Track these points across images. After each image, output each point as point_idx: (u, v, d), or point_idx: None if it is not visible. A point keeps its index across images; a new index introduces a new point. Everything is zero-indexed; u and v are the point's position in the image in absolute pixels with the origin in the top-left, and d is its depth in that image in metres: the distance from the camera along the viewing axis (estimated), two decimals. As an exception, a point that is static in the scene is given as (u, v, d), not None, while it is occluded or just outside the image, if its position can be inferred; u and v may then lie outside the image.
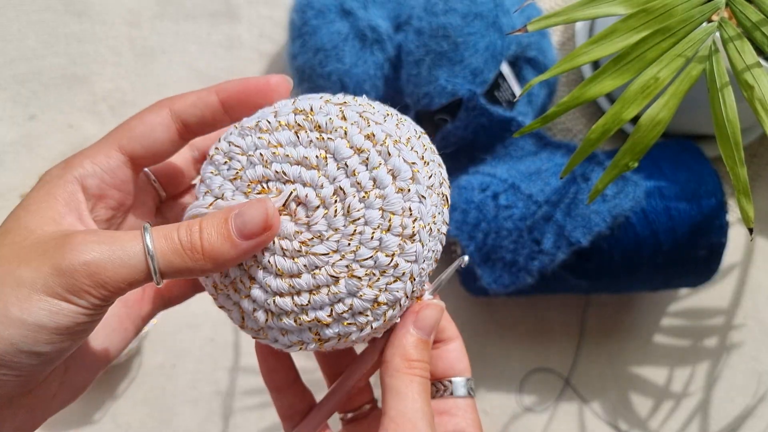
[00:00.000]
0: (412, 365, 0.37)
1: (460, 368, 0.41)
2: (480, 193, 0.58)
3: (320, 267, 0.33)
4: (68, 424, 0.62)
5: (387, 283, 0.33)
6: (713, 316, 0.68)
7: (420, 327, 0.37)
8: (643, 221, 0.55)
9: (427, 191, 0.33)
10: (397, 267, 0.33)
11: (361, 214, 0.32)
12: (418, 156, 0.34)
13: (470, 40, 0.58)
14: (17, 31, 0.68)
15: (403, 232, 0.32)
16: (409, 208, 0.32)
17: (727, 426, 0.66)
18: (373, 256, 0.32)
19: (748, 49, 0.43)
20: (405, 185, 0.32)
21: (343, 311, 0.33)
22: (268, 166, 0.33)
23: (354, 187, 0.32)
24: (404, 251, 0.33)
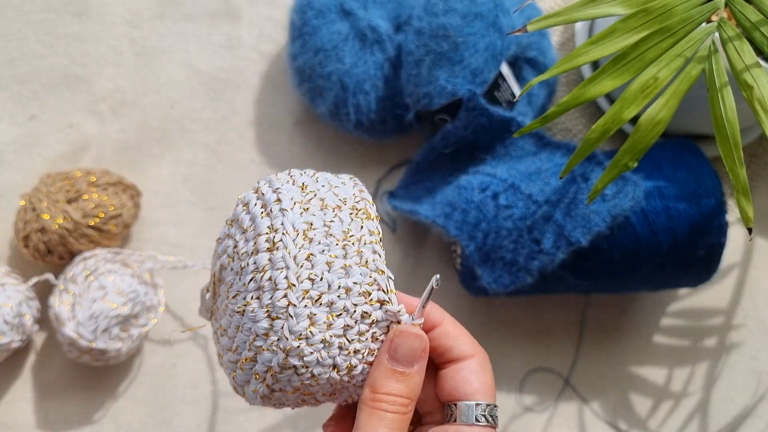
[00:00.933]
0: (377, 398, 0.35)
1: (467, 391, 0.36)
2: (480, 193, 0.58)
3: (234, 310, 0.36)
4: (68, 424, 0.62)
5: (270, 297, 0.34)
6: (713, 316, 0.68)
7: (392, 356, 0.35)
8: (643, 221, 0.55)
9: (296, 207, 0.35)
10: (270, 279, 0.34)
11: (244, 250, 0.36)
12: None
13: (470, 40, 0.58)
14: (17, 31, 0.68)
15: (268, 246, 0.34)
16: (272, 225, 0.35)
17: (726, 426, 0.66)
18: (254, 278, 0.34)
19: (747, 49, 0.43)
20: (271, 209, 0.36)
21: (253, 339, 0.35)
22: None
23: (243, 234, 0.37)
24: (273, 262, 0.34)
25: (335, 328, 0.34)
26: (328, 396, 0.37)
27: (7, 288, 0.58)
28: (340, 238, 0.35)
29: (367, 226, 0.36)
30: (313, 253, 0.34)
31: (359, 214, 0.36)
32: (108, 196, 0.61)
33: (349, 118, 0.63)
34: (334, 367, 0.35)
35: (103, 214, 0.60)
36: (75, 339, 0.56)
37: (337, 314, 0.34)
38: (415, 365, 0.35)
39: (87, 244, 0.60)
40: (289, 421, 0.63)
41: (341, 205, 0.36)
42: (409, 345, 0.35)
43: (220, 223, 0.66)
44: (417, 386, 0.36)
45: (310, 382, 0.35)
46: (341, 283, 0.34)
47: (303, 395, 0.36)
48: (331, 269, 0.34)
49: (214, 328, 0.41)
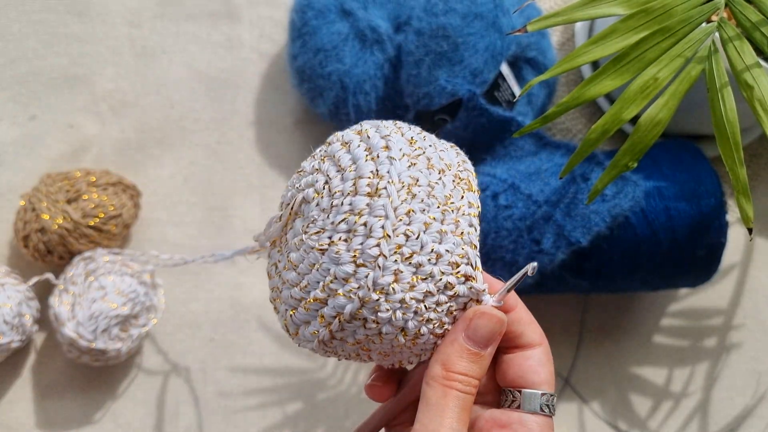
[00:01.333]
0: (451, 377, 0.34)
1: (534, 379, 0.36)
2: (480, 193, 0.58)
3: (312, 246, 0.34)
4: (68, 424, 0.62)
5: (360, 242, 0.33)
6: (713, 316, 0.68)
7: (470, 336, 0.34)
8: (643, 221, 0.55)
9: (404, 159, 0.34)
10: (366, 225, 0.32)
11: (340, 188, 0.34)
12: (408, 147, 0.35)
13: (470, 40, 0.58)
14: (18, 31, 0.68)
15: (369, 191, 0.33)
16: (376, 170, 0.33)
17: (726, 426, 0.66)
18: (346, 219, 0.33)
19: (747, 49, 0.43)
20: (378, 154, 0.34)
21: (330, 281, 0.33)
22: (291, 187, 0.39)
23: (339, 172, 0.35)
24: (372, 207, 0.33)
25: (416, 291, 0.33)
26: (381, 356, 0.36)
27: (6, 288, 0.58)
28: (442, 202, 0.34)
29: (468, 197, 0.35)
30: (413, 209, 0.33)
31: (461, 184, 0.35)
32: (108, 196, 0.61)
33: (349, 118, 0.63)
34: (403, 330, 0.34)
35: (102, 214, 0.60)
36: (75, 339, 0.56)
37: (422, 278, 0.33)
38: (489, 348, 0.35)
39: (87, 244, 0.60)
40: (289, 421, 0.63)
41: (445, 170, 0.35)
42: (489, 327, 0.34)
43: (220, 223, 0.66)
44: (486, 368, 0.35)
45: (374, 338, 0.34)
46: (434, 247, 0.33)
47: (360, 350, 0.36)
48: (427, 230, 0.33)
49: (273, 259, 0.39)
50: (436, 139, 0.38)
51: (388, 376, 0.40)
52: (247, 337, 0.65)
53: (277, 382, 0.64)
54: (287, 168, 0.69)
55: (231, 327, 0.65)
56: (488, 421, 0.36)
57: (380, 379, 0.40)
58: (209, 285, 0.65)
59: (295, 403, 0.64)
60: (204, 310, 0.65)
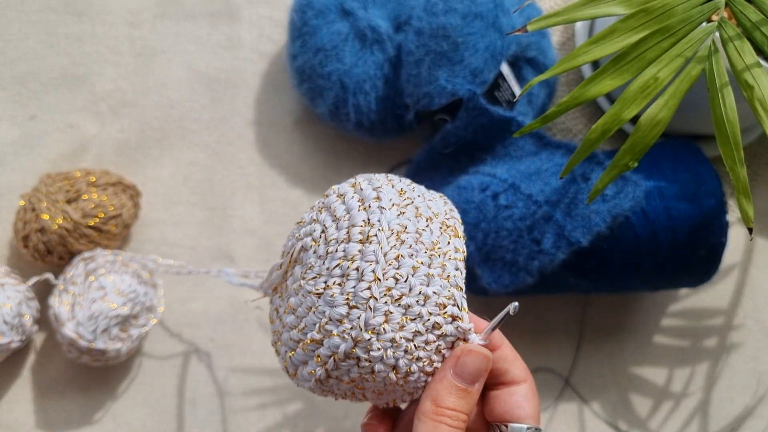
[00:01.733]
0: (440, 412, 0.36)
1: (520, 414, 0.38)
2: (480, 193, 0.58)
3: (309, 291, 0.37)
4: (68, 424, 0.62)
5: (353, 285, 0.35)
6: (713, 316, 0.68)
7: (458, 373, 0.36)
8: (643, 221, 0.55)
9: (393, 208, 0.37)
10: (358, 269, 0.35)
11: (335, 236, 0.37)
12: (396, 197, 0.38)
13: (470, 40, 0.58)
14: (17, 31, 0.68)
15: (361, 238, 0.36)
16: (368, 219, 0.36)
17: (726, 426, 0.66)
18: (340, 265, 0.36)
19: (747, 49, 0.43)
20: (369, 204, 0.37)
21: (325, 323, 0.36)
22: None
23: (334, 222, 0.37)
24: (364, 253, 0.35)
25: (406, 330, 0.35)
26: (375, 395, 0.38)
27: (6, 288, 0.58)
28: (429, 248, 0.36)
29: (454, 243, 0.38)
30: (402, 255, 0.35)
31: (448, 230, 0.38)
32: (108, 197, 0.61)
33: (349, 118, 0.63)
34: (394, 369, 0.36)
35: (102, 215, 0.60)
36: (75, 339, 0.56)
37: (411, 318, 0.35)
38: (476, 384, 0.37)
39: (87, 244, 0.60)
40: (289, 421, 0.63)
41: (433, 218, 0.38)
42: (476, 364, 0.36)
43: (220, 223, 0.66)
44: (474, 404, 0.37)
45: (367, 377, 0.36)
46: (422, 289, 0.35)
47: (355, 388, 0.37)
48: (415, 274, 0.35)
49: (275, 305, 0.42)
50: (425, 190, 0.41)
51: (383, 416, 0.41)
52: (247, 337, 0.65)
53: (277, 382, 0.64)
54: (287, 168, 0.69)
55: (231, 327, 0.65)
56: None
57: (375, 418, 0.41)
58: (209, 285, 0.65)
59: (295, 403, 0.64)
60: (204, 310, 0.65)
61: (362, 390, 0.38)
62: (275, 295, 0.43)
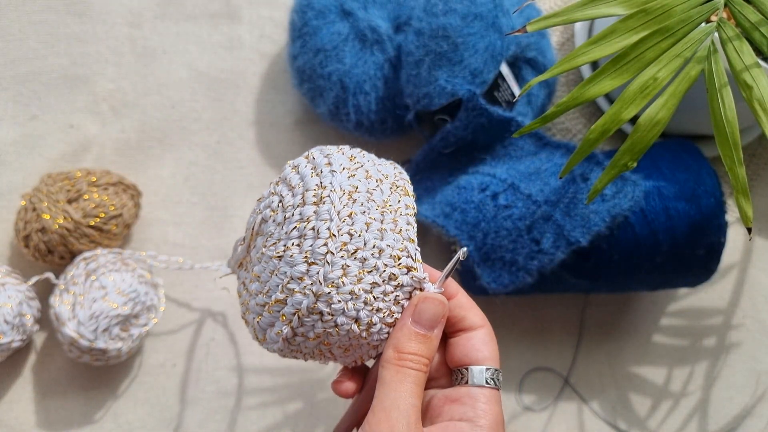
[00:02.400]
0: (403, 357, 0.38)
1: (478, 357, 0.40)
2: (479, 193, 0.58)
3: (271, 256, 0.38)
4: (69, 423, 0.62)
5: (311, 244, 0.37)
6: (712, 315, 0.68)
7: (417, 320, 0.38)
8: (642, 221, 0.56)
9: (344, 171, 0.39)
10: (314, 228, 0.37)
11: (291, 203, 0.38)
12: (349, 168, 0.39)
13: (470, 40, 0.58)
14: (18, 31, 0.68)
15: (315, 200, 0.37)
16: (320, 183, 0.38)
17: (726, 425, 0.66)
18: (297, 227, 0.37)
19: (746, 49, 0.43)
20: (321, 170, 0.39)
21: (287, 282, 0.37)
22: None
23: (290, 191, 0.39)
24: (318, 214, 0.37)
25: (364, 282, 0.37)
26: (342, 351, 0.40)
27: (7, 288, 0.58)
28: (380, 205, 0.38)
29: (404, 201, 0.39)
30: (354, 212, 0.37)
31: (398, 190, 0.40)
32: (108, 196, 0.61)
33: (349, 118, 0.64)
34: (356, 321, 0.37)
35: (103, 214, 0.60)
36: (75, 339, 0.56)
37: (368, 270, 0.37)
38: (435, 329, 0.39)
39: (87, 244, 0.60)
40: (289, 420, 0.63)
41: (383, 179, 0.40)
42: (432, 310, 0.38)
43: (221, 223, 0.67)
44: (435, 348, 0.39)
45: (331, 330, 0.37)
46: (376, 243, 0.37)
47: (321, 345, 0.39)
48: (368, 229, 0.37)
49: (241, 278, 0.44)
50: (375, 157, 0.42)
51: (352, 373, 0.43)
52: (247, 338, 0.65)
53: (277, 381, 0.64)
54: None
55: (231, 327, 0.65)
56: (440, 398, 0.40)
57: (345, 375, 0.43)
58: (209, 285, 0.65)
59: (295, 403, 0.64)
60: (204, 310, 0.65)
61: (329, 347, 0.39)
62: (241, 270, 0.44)
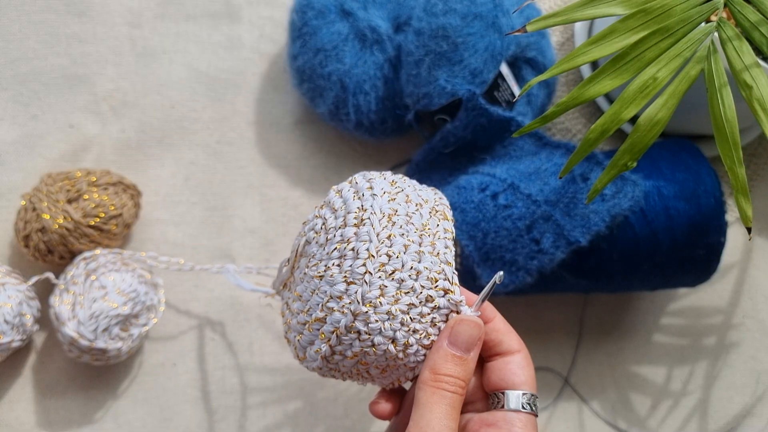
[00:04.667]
0: (438, 378, 0.38)
1: (515, 381, 0.40)
2: (479, 193, 0.58)
3: (312, 276, 0.40)
4: (69, 423, 0.62)
5: (350, 264, 0.38)
6: (712, 315, 0.68)
7: (453, 342, 0.39)
8: (642, 221, 0.56)
9: (384, 195, 0.40)
10: (354, 249, 0.38)
11: (333, 225, 0.40)
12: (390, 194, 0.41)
13: (470, 40, 0.58)
14: (18, 31, 0.68)
15: (356, 222, 0.39)
16: (362, 206, 0.39)
17: (725, 425, 0.66)
18: (338, 248, 0.39)
19: (746, 49, 0.43)
20: (363, 193, 0.40)
21: (327, 300, 0.38)
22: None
23: (333, 213, 0.41)
24: (358, 235, 0.38)
25: (401, 303, 0.38)
26: (379, 372, 0.41)
27: (7, 288, 0.58)
28: (419, 228, 0.39)
29: (443, 225, 0.40)
30: (393, 234, 0.38)
31: (437, 214, 0.41)
32: (108, 196, 0.61)
33: (349, 118, 0.64)
34: (393, 341, 0.38)
35: (103, 214, 0.60)
36: (75, 338, 0.56)
37: (405, 291, 0.38)
38: (471, 352, 0.39)
39: (87, 243, 0.60)
40: (289, 420, 0.63)
41: (422, 204, 0.41)
42: (469, 332, 0.39)
43: (221, 223, 0.67)
44: (471, 371, 0.39)
45: (369, 350, 0.38)
46: (413, 265, 0.38)
47: (359, 364, 0.40)
48: (406, 251, 0.38)
49: (284, 299, 0.45)
50: (417, 183, 0.43)
51: (389, 395, 0.44)
52: (247, 337, 0.65)
53: (277, 381, 0.64)
54: (287, 168, 0.69)
55: (231, 327, 0.65)
56: (477, 422, 0.40)
57: (382, 396, 0.43)
58: (209, 285, 0.66)
59: (295, 402, 0.64)
60: (204, 310, 0.65)
61: (366, 366, 0.40)
62: (285, 290, 0.45)
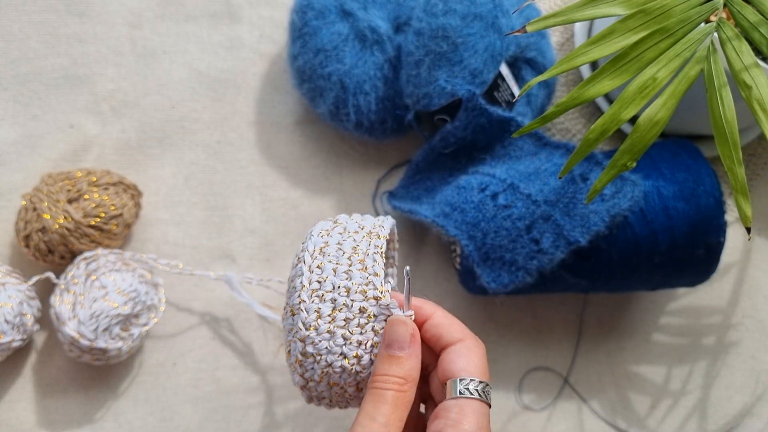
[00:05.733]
0: (375, 379, 0.40)
1: (454, 369, 0.41)
2: (479, 193, 0.58)
3: (282, 318, 0.45)
4: (69, 422, 0.62)
5: (290, 298, 0.43)
6: (711, 315, 0.68)
7: (387, 344, 0.41)
8: (642, 221, 0.56)
9: (321, 233, 0.44)
10: (294, 286, 0.43)
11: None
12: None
13: (469, 40, 0.58)
14: (19, 31, 0.68)
15: (296, 262, 0.44)
16: (301, 248, 0.44)
17: (725, 424, 0.66)
18: (288, 289, 0.44)
19: (746, 49, 0.43)
20: (307, 240, 0.45)
21: (286, 336, 0.43)
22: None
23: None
24: (296, 272, 0.43)
25: (338, 320, 0.41)
26: (355, 390, 0.43)
27: (7, 287, 0.58)
28: (348, 251, 0.43)
29: (374, 243, 0.43)
30: (323, 263, 0.42)
31: (371, 236, 0.44)
32: (109, 196, 0.61)
33: (349, 118, 0.64)
34: (344, 356, 0.41)
35: (103, 214, 0.60)
36: (76, 338, 0.56)
37: (339, 309, 0.41)
38: (407, 349, 0.40)
39: (88, 243, 0.60)
40: (289, 420, 0.63)
41: (359, 230, 0.44)
42: (397, 331, 0.41)
43: (221, 223, 0.67)
44: (412, 369, 0.40)
45: (328, 370, 0.41)
46: (343, 284, 0.41)
47: (330, 386, 0.42)
48: (336, 274, 0.42)
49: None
50: (369, 216, 0.47)
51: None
52: (248, 337, 0.65)
53: (277, 381, 0.64)
54: (287, 168, 0.69)
55: (231, 327, 0.65)
56: (431, 414, 0.41)
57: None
58: (209, 285, 0.66)
59: (295, 403, 0.64)
60: (204, 309, 0.65)
61: (340, 387, 0.42)
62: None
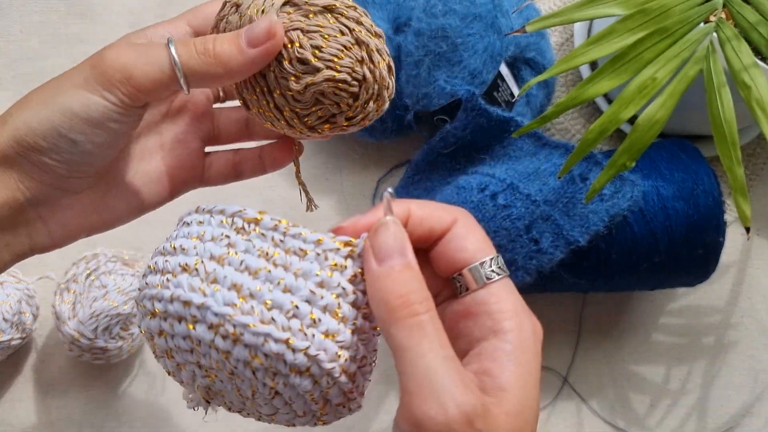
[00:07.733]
0: (402, 305, 0.30)
1: (466, 256, 0.34)
2: (478, 193, 0.58)
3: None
4: (70, 422, 0.62)
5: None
6: (710, 314, 0.68)
7: (383, 258, 0.31)
8: (641, 221, 0.56)
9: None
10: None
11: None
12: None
13: (469, 41, 0.59)
14: (20, 32, 0.69)
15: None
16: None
17: (724, 424, 0.66)
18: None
19: (745, 49, 0.43)
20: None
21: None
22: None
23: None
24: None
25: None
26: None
27: (6, 286, 0.58)
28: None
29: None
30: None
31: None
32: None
33: (349, 118, 0.64)
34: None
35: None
36: (76, 337, 0.56)
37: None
38: (408, 253, 0.32)
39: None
40: (290, 419, 0.63)
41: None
42: (390, 234, 0.32)
43: (221, 223, 0.67)
44: (420, 275, 0.32)
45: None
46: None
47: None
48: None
49: None
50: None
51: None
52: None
53: (278, 380, 0.64)
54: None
55: (231, 326, 0.65)
56: (452, 317, 0.34)
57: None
58: (210, 284, 0.66)
59: (296, 402, 0.64)
60: (204, 309, 0.65)
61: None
62: None
